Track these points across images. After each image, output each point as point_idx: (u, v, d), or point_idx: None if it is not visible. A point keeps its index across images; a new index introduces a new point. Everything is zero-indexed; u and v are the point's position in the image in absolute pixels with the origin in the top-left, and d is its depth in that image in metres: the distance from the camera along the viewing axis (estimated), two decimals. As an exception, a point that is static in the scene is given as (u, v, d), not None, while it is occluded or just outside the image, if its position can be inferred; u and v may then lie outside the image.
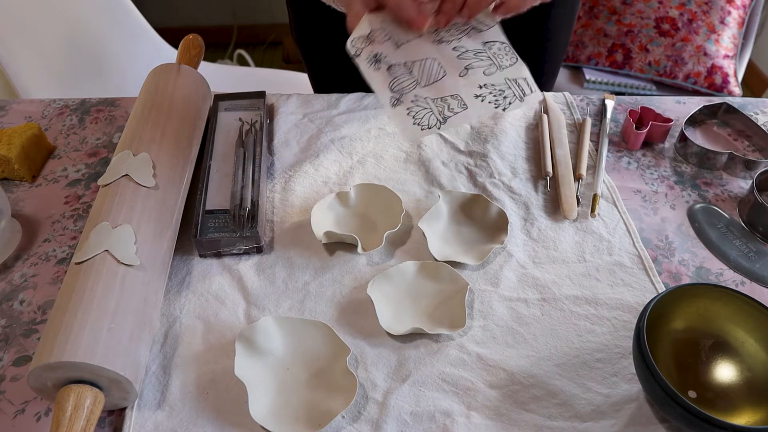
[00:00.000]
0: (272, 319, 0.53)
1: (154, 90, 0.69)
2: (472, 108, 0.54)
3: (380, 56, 0.54)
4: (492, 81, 0.55)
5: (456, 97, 0.54)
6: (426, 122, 0.52)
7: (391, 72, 0.54)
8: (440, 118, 0.52)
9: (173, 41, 1.26)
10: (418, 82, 0.54)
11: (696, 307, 0.52)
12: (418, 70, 0.54)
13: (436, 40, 0.56)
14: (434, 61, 0.55)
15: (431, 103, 0.53)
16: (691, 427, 0.44)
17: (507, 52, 0.57)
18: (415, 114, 0.52)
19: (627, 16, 1.69)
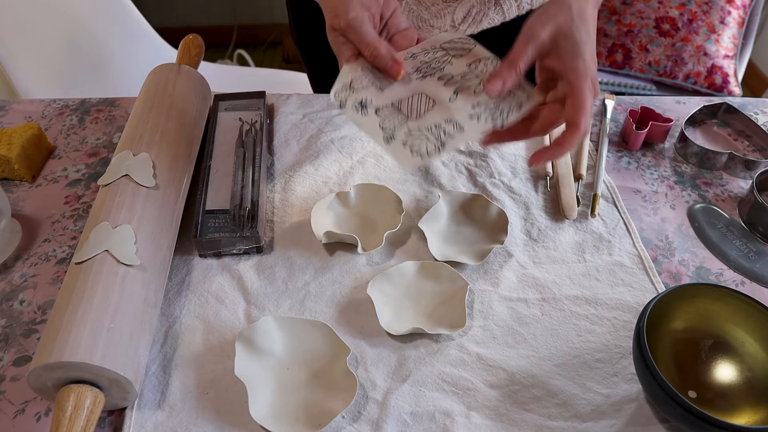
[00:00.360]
0: (272, 319, 0.53)
1: (154, 90, 0.69)
2: (468, 128, 0.52)
3: (366, 102, 0.53)
4: (485, 98, 0.53)
5: (450, 120, 0.52)
6: (424, 149, 0.50)
7: (379, 114, 0.53)
8: (438, 144, 0.51)
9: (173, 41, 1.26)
10: (409, 117, 0.53)
11: (696, 307, 0.52)
12: (407, 107, 0.53)
13: (419, 77, 0.55)
14: (421, 95, 0.54)
15: (426, 132, 0.52)
16: (691, 427, 0.44)
17: (495, 64, 0.55)
18: (411, 146, 0.51)
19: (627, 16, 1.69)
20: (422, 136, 0.51)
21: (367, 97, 0.53)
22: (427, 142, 0.51)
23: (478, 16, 0.75)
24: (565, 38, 0.50)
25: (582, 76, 0.49)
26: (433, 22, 0.75)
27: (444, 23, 0.75)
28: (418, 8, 0.74)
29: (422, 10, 0.74)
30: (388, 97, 0.54)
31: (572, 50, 0.50)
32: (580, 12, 0.51)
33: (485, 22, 0.77)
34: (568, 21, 0.50)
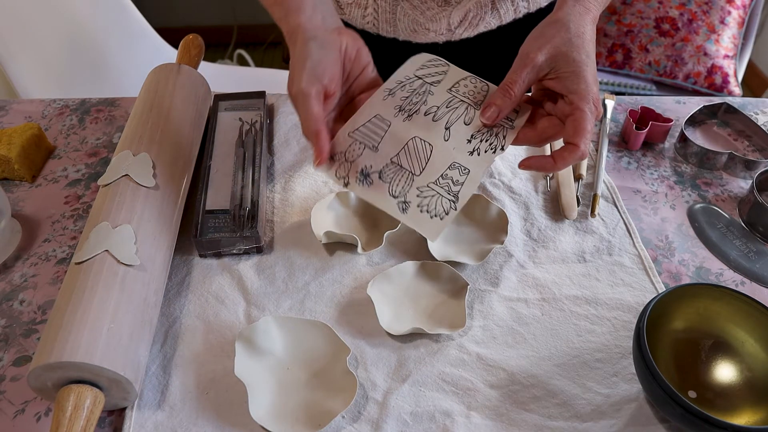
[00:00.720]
0: (272, 319, 0.53)
1: (154, 90, 0.69)
2: (473, 168, 0.51)
3: (366, 170, 0.52)
4: (476, 127, 0.53)
5: (454, 165, 0.52)
6: (441, 209, 0.50)
7: (383, 178, 0.52)
8: (451, 198, 0.50)
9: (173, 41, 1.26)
10: (413, 172, 0.52)
11: (696, 307, 0.52)
12: (407, 160, 0.52)
13: (405, 117, 0.54)
14: (415, 140, 0.53)
15: (435, 187, 0.51)
16: (691, 427, 0.44)
17: (475, 83, 0.55)
18: (427, 207, 0.50)
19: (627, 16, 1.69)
20: (433, 193, 0.51)
21: (367, 164, 0.52)
22: (440, 199, 0.50)
23: (474, 20, 0.75)
24: (564, 61, 0.49)
25: (584, 99, 0.48)
26: (429, 25, 0.75)
27: (440, 26, 0.75)
28: (413, 12, 0.74)
29: (418, 14, 0.74)
30: (385, 154, 0.53)
31: (573, 72, 0.49)
32: (578, 32, 0.50)
33: (482, 26, 0.77)
34: (566, 43, 0.49)
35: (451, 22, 0.74)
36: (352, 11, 0.77)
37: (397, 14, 0.74)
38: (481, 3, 0.73)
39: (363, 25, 0.78)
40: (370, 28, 0.78)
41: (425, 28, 0.75)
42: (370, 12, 0.75)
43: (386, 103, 0.54)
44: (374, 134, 0.53)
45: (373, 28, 0.78)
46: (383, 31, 0.77)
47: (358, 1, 0.75)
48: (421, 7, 0.73)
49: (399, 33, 0.77)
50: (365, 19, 0.77)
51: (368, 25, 0.77)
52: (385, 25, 0.76)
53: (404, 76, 0.56)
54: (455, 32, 0.77)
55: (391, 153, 0.53)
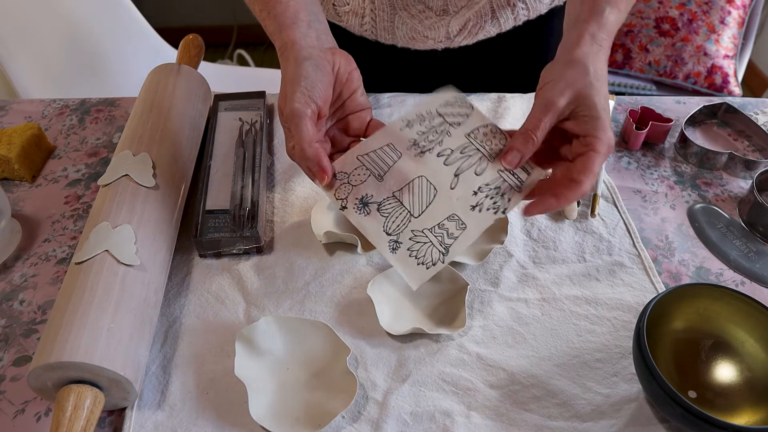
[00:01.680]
0: (272, 319, 0.53)
1: (154, 90, 0.69)
2: (470, 225, 0.50)
3: (366, 199, 0.51)
4: (485, 180, 0.51)
5: (453, 217, 0.51)
6: (430, 259, 0.49)
7: (381, 211, 0.51)
8: (442, 250, 0.50)
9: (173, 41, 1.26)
10: (411, 213, 0.51)
11: (696, 307, 0.52)
12: (408, 199, 0.51)
13: (417, 153, 0.53)
14: (421, 179, 0.52)
15: (429, 235, 0.50)
16: (691, 427, 0.44)
17: (495, 134, 0.53)
18: (416, 253, 0.50)
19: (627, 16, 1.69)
20: (426, 241, 0.50)
21: (368, 193, 0.52)
22: (431, 248, 0.50)
23: (474, 29, 0.75)
24: (585, 105, 0.48)
25: (602, 142, 0.47)
26: (427, 33, 0.75)
27: (439, 35, 0.75)
28: (411, 21, 0.74)
29: (416, 23, 0.74)
30: (389, 186, 0.52)
31: (592, 117, 0.48)
32: (597, 73, 0.49)
33: (481, 34, 0.76)
34: (587, 86, 0.48)
35: (450, 30, 0.74)
36: (349, 19, 0.77)
37: (395, 23, 0.74)
38: (480, 12, 0.73)
39: (361, 33, 0.78)
40: (368, 35, 0.78)
41: (424, 36, 0.75)
42: (368, 21, 0.75)
43: (402, 134, 0.53)
44: (383, 163, 0.53)
45: (371, 35, 0.77)
46: (381, 38, 0.77)
47: (355, 10, 0.75)
48: (419, 17, 0.73)
49: (397, 40, 0.77)
50: (363, 27, 0.76)
51: (366, 32, 0.77)
52: (383, 32, 0.76)
53: (426, 111, 0.55)
54: (454, 40, 0.76)
55: (394, 187, 0.52)
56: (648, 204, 0.69)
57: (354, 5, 0.74)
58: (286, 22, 0.52)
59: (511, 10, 0.74)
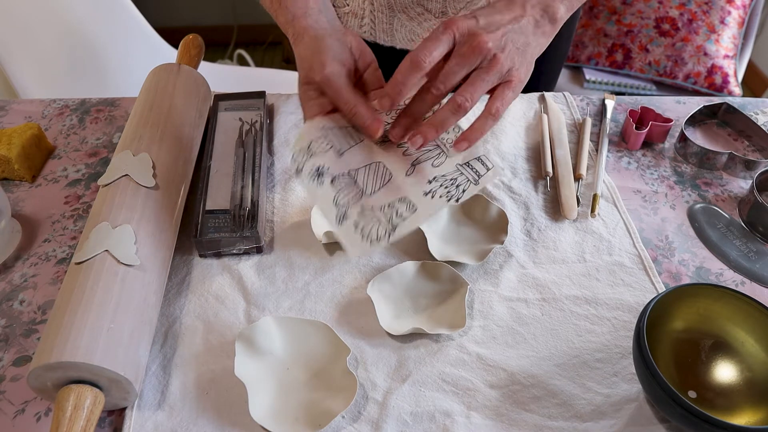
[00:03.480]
0: (272, 319, 0.53)
1: (154, 90, 0.69)
2: (421, 208, 0.51)
3: (322, 169, 0.52)
4: (441, 171, 0.52)
5: (404, 200, 0.51)
6: (374, 235, 0.50)
7: (334, 185, 0.51)
8: (389, 228, 0.50)
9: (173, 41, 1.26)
10: (364, 191, 0.51)
11: (696, 307, 0.52)
12: (363, 178, 0.52)
13: (380, 142, 0.54)
14: (378, 164, 0.53)
15: (379, 213, 0.51)
16: (691, 427, 0.44)
17: (457, 132, 0.54)
18: (362, 228, 0.50)
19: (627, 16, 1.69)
20: (374, 218, 0.50)
21: (324, 164, 0.52)
22: (378, 225, 0.50)
23: None
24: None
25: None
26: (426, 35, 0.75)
27: None
28: (410, 23, 0.74)
29: (415, 25, 0.74)
30: (346, 163, 0.52)
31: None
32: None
33: None
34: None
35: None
36: (349, 20, 0.77)
37: (394, 25, 0.74)
38: None
39: (360, 34, 0.78)
40: (367, 37, 0.78)
41: (422, 38, 0.75)
42: (367, 22, 0.75)
43: None
44: (345, 141, 0.53)
45: (370, 37, 0.78)
46: (380, 40, 0.77)
47: (355, 11, 0.75)
48: (417, 19, 0.73)
49: (396, 42, 0.77)
50: (362, 28, 0.77)
51: (365, 34, 0.77)
52: (382, 34, 0.76)
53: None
54: None
55: (351, 165, 0.52)
56: (648, 204, 0.69)
57: (354, 6, 0.75)
58: (298, 12, 0.54)
59: None
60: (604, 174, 0.71)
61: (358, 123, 0.52)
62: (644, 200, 0.69)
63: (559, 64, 0.92)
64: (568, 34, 0.88)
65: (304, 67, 0.53)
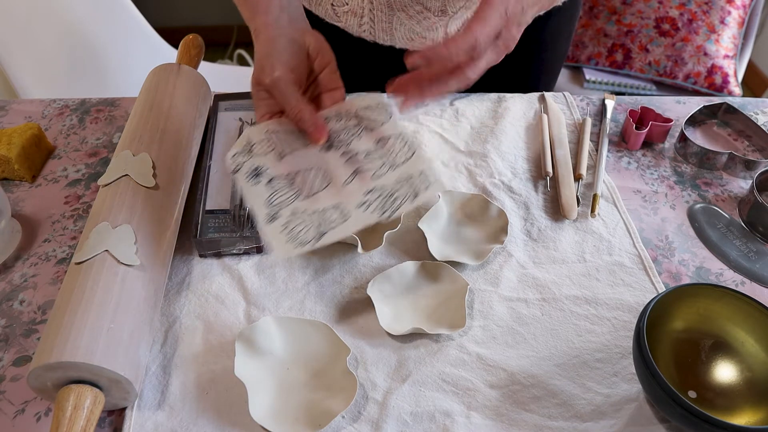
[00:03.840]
0: (272, 319, 0.53)
1: (154, 90, 0.69)
2: (353, 218, 0.50)
3: (261, 170, 0.52)
4: (381, 183, 0.52)
5: (338, 207, 0.51)
6: (302, 239, 0.49)
7: (270, 185, 0.52)
8: (316, 234, 0.49)
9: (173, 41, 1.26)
10: (299, 194, 0.51)
11: (696, 307, 0.52)
12: (299, 182, 0.52)
13: (323, 148, 0.54)
14: (319, 170, 0.53)
15: (308, 218, 0.50)
16: (691, 427, 0.44)
17: (402, 146, 0.54)
18: (291, 230, 0.50)
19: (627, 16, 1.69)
20: (304, 222, 0.50)
21: (263, 165, 0.53)
22: (307, 229, 0.50)
23: None
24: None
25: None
26: (425, 34, 0.75)
27: (437, 35, 0.75)
28: (410, 22, 0.74)
29: (414, 23, 0.74)
30: (286, 167, 0.53)
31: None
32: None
33: None
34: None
35: (448, 31, 0.74)
36: (348, 19, 0.77)
37: (394, 23, 0.74)
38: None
39: (359, 33, 0.78)
40: (367, 36, 0.78)
41: (422, 37, 0.75)
42: (367, 21, 0.75)
43: None
44: (287, 145, 0.54)
45: (369, 36, 0.77)
46: (380, 39, 0.77)
47: (354, 10, 0.75)
48: (417, 17, 0.73)
49: (396, 41, 0.77)
50: (362, 27, 0.76)
51: (364, 33, 0.77)
52: (381, 33, 0.76)
53: (346, 110, 0.56)
54: None
55: (290, 168, 0.53)
56: (648, 204, 0.69)
57: (353, 5, 0.74)
58: (260, 8, 0.55)
59: None
60: (604, 174, 0.71)
61: (302, 128, 0.53)
62: (644, 200, 0.69)
63: (558, 64, 0.92)
64: (568, 33, 0.88)
65: (256, 68, 0.54)
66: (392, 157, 0.53)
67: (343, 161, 0.54)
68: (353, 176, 0.53)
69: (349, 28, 0.78)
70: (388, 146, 0.54)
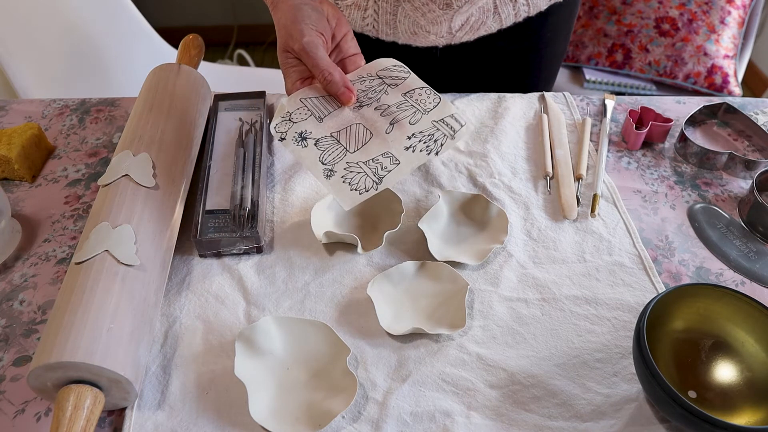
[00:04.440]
0: (272, 319, 0.53)
1: (154, 90, 0.69)
2: (404, 161, 0.54)
3: (305, 134, 0.55)
4: (419, 128, 0.56)
5: (387, 154, 0.55)
6: (363, 186, 0.53)
7: (319, 146, 0.55)
8: (375, 180, 0.53)
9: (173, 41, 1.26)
10: (347, 149, 0.55)
11: (696, 307, 0.52)
12: (345, 138, 0.55)
13: (356, 107, 0.58)
14: (359, 126, 0.56)
15: (364, 167, 0.54)
16: (691, 427, 0.44)
17: (429, 95, 0.59)
18: (350, 180, 0.53)
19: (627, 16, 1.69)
20: (360, 171, 0.53)
21: (307, 129, 0.55)
22: (365, 177, 0.53)
23: (476, 24, 0.75)
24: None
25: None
26: (429, 28, 0.75)
27: (441, 30, 0.75)
28: (414, 14, 0.74)
29: (419, 16, 0.74)
30: (327, 127, 0.56)
31: None
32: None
33: (482, 29, 0.77)
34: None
35: (452, 25, 0.74)
36: (351, 13, 0.77)
37: (398, 16, 0.74)
38: (483, 8, 0.73)
39: (362, 28, 0.78)
40: (370, 30, 0.78)
41: (426, 30, 0.75)
42: (371, 14, 0.75)
43: None
44: (324, 108, 0.57)
45: (372, 30, 0.77)
46: (383, 33, 0.77)
47: (358, 3, 0.75)
48: (422, 9, 0.73)
49: (399, 36, 0.77)
50: (365, 21, 0.77)
51: (368, 27, 0.77)
52: (384, 27, 0.76)
53: (366, 73, 0.60)
54: (456, 35, 0.76)
55: (332, 128, 0.56)
56: (648, 204, 0.69)
57: None
58: None
59: (512, 5, 0.75)
60: (604, 174, 0.71)
61: (333, 91, 0.56)
62: (644, 200, 0.69)
63: (557, 63, 0.92)
64: (566, 33, 0.89)
65: (282, 36, 0.55)
66: (422, 105, 0.58)
67: (378, 114, 0.57)
68: (392, 126, 0.56)
69: (352, 23, 0.78)
70: (416, 96, 0.59)
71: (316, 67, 0.55)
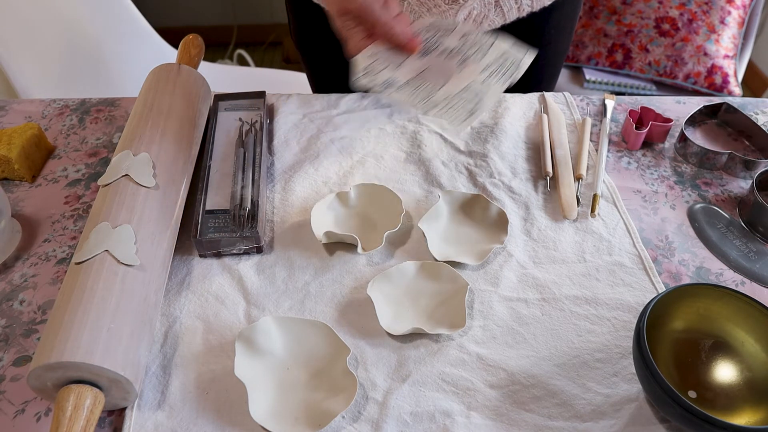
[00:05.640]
0: (272, 319, 0.53)
1: (154, 90, 0.69)
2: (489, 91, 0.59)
3: (390, 81, 0.58)
4: (488, 61, 0.61)
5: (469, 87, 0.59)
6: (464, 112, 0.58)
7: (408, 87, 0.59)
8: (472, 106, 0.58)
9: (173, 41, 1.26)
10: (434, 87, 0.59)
11: (696, 307, 0.52)
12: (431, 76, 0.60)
13: (421, 56, 0.62)
14: (430, 68, 0.60)
15: (456, 98, 0.58)
16: (691, 427, 0.44)
17: (482, 34, 0.63)
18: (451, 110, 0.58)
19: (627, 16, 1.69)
20: (457, 100, 0.57)
21: (389, 77, 0.58)
22: (463, 106, 0.57)
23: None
24: None
25: None
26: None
27: None
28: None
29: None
30: (407, 72, 0.59)
31: None
32: None
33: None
34: None
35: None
36: None
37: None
38: (484, 1, 0.74)
39: None
40: None
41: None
42: None
43: None
44: (395, 58, 0.60)
45: None
46: None
47: None
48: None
49: None
50: None
51: None
52: None
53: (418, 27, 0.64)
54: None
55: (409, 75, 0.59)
56: (648, 204, 0.69)
57: None
58: None
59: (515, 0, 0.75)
60: (604, 174, 0.71)
61: (396, 42, 0.58)
62: (644, 200, 0.69)
63: (558, 63, 0.92)
64: (569, 30, 0.89)
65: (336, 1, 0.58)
66: (482, 44, 0.63)
67: (444, 57, 0.60)
68: (462, 64, 0.61)
69: None
70: (472, 38, 0.63)
71: (377, 21, 0.57)
